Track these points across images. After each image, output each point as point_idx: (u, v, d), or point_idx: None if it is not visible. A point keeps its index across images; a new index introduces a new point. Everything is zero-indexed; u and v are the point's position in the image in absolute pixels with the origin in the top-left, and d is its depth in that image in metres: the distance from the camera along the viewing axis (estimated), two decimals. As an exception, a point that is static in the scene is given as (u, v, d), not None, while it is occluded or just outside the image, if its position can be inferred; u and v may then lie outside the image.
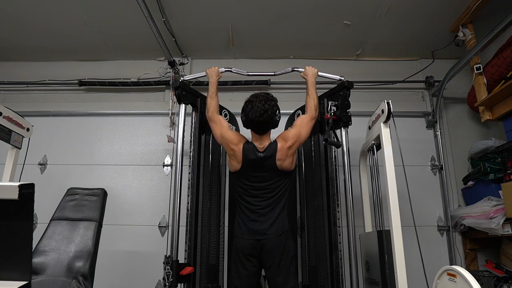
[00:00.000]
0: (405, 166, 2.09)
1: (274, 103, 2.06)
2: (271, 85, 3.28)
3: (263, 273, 2.23)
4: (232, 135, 2.08)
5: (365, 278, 2.26)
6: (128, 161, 3.17)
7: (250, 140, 2.09)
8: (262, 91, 2.11)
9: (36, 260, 2.11)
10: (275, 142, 2.04)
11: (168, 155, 3.17)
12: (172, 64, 3.23)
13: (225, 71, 2.43)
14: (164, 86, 3.32)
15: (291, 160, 2.03)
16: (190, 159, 2.34)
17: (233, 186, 2.15)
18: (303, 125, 2.10)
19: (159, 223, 2.99)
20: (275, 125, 2.09)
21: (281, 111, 2.10)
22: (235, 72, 2.48)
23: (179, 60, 3.34)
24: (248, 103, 2.05)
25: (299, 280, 2.47)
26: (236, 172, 2.05)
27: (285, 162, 2.01)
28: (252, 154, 2.00)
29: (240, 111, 2.10)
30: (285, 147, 2.00)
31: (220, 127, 2.11)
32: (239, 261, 1.98)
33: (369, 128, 2.36)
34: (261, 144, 2.04)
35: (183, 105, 2.39)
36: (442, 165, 3.09)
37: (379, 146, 2.20)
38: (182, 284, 2.11)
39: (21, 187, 0.97)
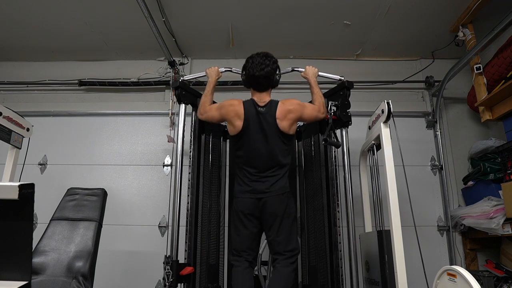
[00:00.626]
0: (405, 166, 2.09)
1: (275, 60, 2.09)
2: (271, 85, 3.28)
3: (263, 273, 2.23)
4: (229, 100, 2.10)
5: (365, 278, 2.26)
6: (128, 161, 3.17)
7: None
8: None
9: (36, 260, 2.11)
10: (276, 100, 2.06)
11: (168, 155, 3.18)
12: (172, 64, 3.23)
13: (225, 71, 2.43)
14: (164, 86, 3.32)
15: (290, 124, 2.01)
16: (190, 159, 2.34)
17: (234, 150, 2.13)
18: (310, 107, 2.11)
19: (159, 223, 2.99)
20: (275, 83, 2.11)
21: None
22: (235, 72, 2.48)
23: (179, 60, 3.34)
24: (249, 59, 2.08)
25: (299, 280, 2.47)
26: (238, 134, 2.02)
27: (283, 122, 1.99)
28: (253, 108, 2.01)
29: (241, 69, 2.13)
30: (285, 108, 2.01)
31: (213, 107, 2.13)
32: (240, 221, 1.96)
33: (369, 128, 2.36)
34: (261, 100, 2.05)
35: (183, 105, 2.39)
36: (442, 165, 3.09)
37: (379, 146, 2.20)
38: (182, 284, 2.11)
39: (21, 187, 0.97)
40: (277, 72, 2.10)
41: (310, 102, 2.24)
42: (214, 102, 2.28)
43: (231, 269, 2.02)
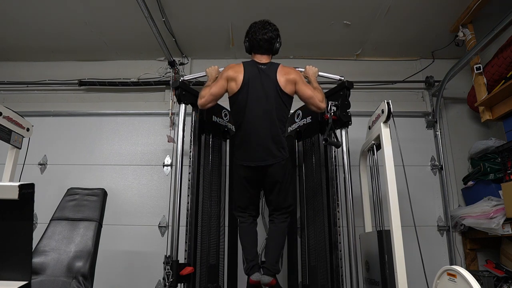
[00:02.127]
0: (405, 166, 2.09)
1: (276, 27, 2.17)
2: (271, 85, 3.28)
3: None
4: (228, 65, 2.13)
5: (365, 278, 2.26)
6: (128, 161, 3.17)
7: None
8: None
9: (36, 260, 2.11)
10: (277, 63, 2.12)
11: (168, 155, 3.17)
12: (172, 64, 3.23)
13: (225, 71, 2.43)
14: (164, 86, 3.32)
15: (287, 81, 2.05)
16: (190, 159, 2.34)
17: (233, 114, 2.14)
18: (308, 86, 2.12)
19: (159, 223, 2.99)
20: (275, 51, 2.17)
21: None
22: (235, 72, 2.47)
23: (179, 60, 3.34)
24: (252, 24, 2.16)
25: (299, 280, 2.47)
26: (238, 92, 2.02)
27: (282, 78, 2.04)
28: (254, 66, 2.08)
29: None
30: (286, 69, 2.08)
31: (212, 85, 2.08)
32: (242, 184, 2.09)
33: (369, 128, 2.36)
34: (262, 60, 2.11)
35: (183, 105, 2.39)
36: (442, 165, 3.09)
37: (379, 146, 2.20)
38: (182, 284, 2.10)
39: (21, 187, 0.97)
40: (278, 39, 2.17)
41: (303, 106, 2.24)
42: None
43: (237, 224, 2.23)
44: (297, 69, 2.43)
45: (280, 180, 2.03)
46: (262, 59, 2.13)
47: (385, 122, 2.08)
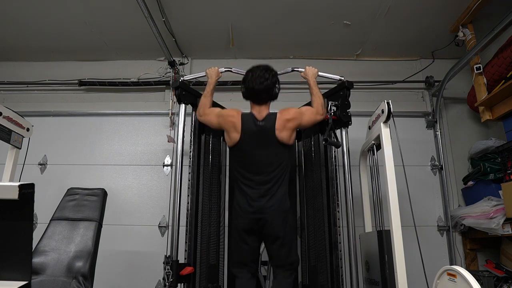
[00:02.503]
0: (405, 166, 2.09)
1: (275, 73, 2.09)
2: (271, 85, 3.28)
3: (263, 272, 2.23)
4: (228, 110, 2.11)
5: (365, 278, 2.26)
6: (128, 161, 3.17)
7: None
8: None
9: (36, 260, 2.11)
10: (274, 113, 2.05)
11: (168, 155, 3.17)
12: (172, 64, 3.23)
13: (225, 71, 2.43)
14: (164, 86, 3.32)
15: (289, 134, 2.01)
16: (190, 159, 2.34)
17: (232, 162, 2.14)
18: (308, 112, 2.10)
19: (159, 223, 2.99)
20: (274, 96, 2.10)
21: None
22: (235, 72, 2.48)
23: (179, 60, 3.34)
24: (248, 72, 2.08)
25: (299, 280, 2.47)
26: (235, 146, 2.02)
27: (282, 133, 1.99)
28: (251, 122, 2.01)
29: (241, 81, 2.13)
30: (284, 118, 2.00)
31: (213, 113, 2.13)
32: (241, 238, 1.98)
33: (369, 128, 2.36)
34: (260, 113, 2.04)
35: (183, 105, 2.39)
36: (442, 165, 3.09)
37: (379, 146, 2.20)
38: (182, 284, 2.10)
39: (21, 187, 0.97)
40: (277, 85, 2.09)
41: (309, 103, 2.24)
42: (214, 103, 2.28)
43: (233, 280, 2.05)
44: (296, 69, 2.44)
45: (281, 235, 1.91)
46: (261, 111, 2.04)
47: (385, 122, 2.08)
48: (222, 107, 2.56)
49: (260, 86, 2.01)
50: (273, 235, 1.92)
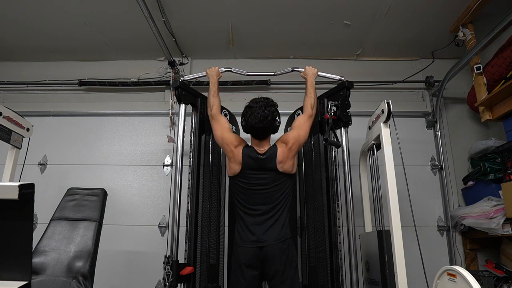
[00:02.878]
0: (405, 166, 2.09)
1: (274, 108, 2.03)
2: (271, 85, 3.28)
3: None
4: (232, 137, 2.05)
5: (365, 278, 2.26)
6: (128, 161, 3.17)
7: (250, 144, 2.08)
8: (262, 96, 2.07)
9: (36, 260, 2.11)
10: (275, 146, 2.03)
11: (168, 155, 3.17)
12: (172, 64, 3.23)
13: (225, 71, 2.43)
14: (164, 86, 3.32)
15: (292, 163, 2.01)
16: (190, 159, 2.34)
17: (232, 192, 2.10)
18: (301, 125, 2.09)
19: (159, 223, 2.99)
20: (275, 130, 2.07)
21: (281, 111, 2.09)
22: (235, 72, 2.48)
23: (179, 60, 3.34)
24: (248, 108, 2.03)
25: (299, 280, 2.46)
26: (236, 176, 2.01)
27: (286, 165, 1.98)
28: (253, 156, 1.98)
29: (241, 115, 2.09)
30: (286, 150, 1.99)
31: (222, 128, 2.10)
32: (240, 270, 1.89)
33: (369, 128, 2.36)
34: (261, 148, 2.02)
35: (183, 105, 2.39)
36: (442, 165, 3.09)
37: (379, 146, 2.20)
38: (182, 284, 2.10)
39: (21, 187, 0.97)
40: (277, 119, 2.04)
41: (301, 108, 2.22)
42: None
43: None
44: (296, 69, 2.44)
45: (282, 266, 1.85)
46: (262, 146, 2.03)
47: (385, 122, 2.08)
48: (223, 108, 2.57)
49: (260, 125, 1.97)
50: (273, 267, 1.86)
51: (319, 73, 2.33)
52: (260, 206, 1.96)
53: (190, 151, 2.36)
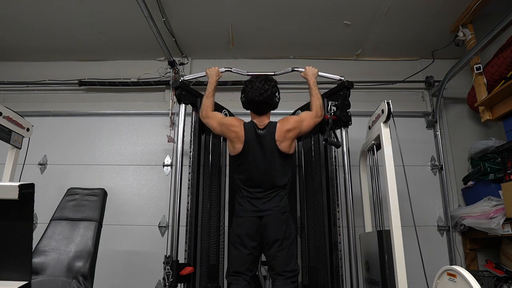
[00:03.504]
0: (405, 166, 2.09)
1: (274, 83, 2.10)
2: (271, 85, 3.28)
3: (263, 272, 2.22)
4: (231, 119, 2.12)
5: (365, 278, 2.26)
6: (128, 161, 3.17)
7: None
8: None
9: (36, 260, 2.11)
10: (275, 122, 2.06)
11: (168, 155, 3.17)
12: (172, 64, 3.23)
13: (225, 71, 2.43)
14: (164, 86, 3.32)
15: (289, 144, 2.03)
16: (190, 159, 2.34)
17: (234, 172, 2.16)
18: (307, 118, 2.12)
19: (159, 223, 2.99)
20: (274, 106, 2.12)
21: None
22: (235, 72, 2.48)
23: (179, 60, 3.34)
24: (248, 83, 2.09)
25: (299, 280, 2.46)
26: (237, 155, 2.04)
27: (283, 144, 2.01)
28: (253, 131, 2.02)
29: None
30: (284, 129, 2.02)
31: (217, 119, 2.14)
32: (240, 242, 1.95)
33: (369, 128, 2.36)
34: (261, 123, 2.06)
35: (183, 105, 2.39)
36: (442, 165, 3.09)
37: (379, 146, 2.20)
38: (182, 284, 2.10)
39: (21, 187, 0.97)
40: (277, 95, 2.10)
41: (308, 104, 2.23)
42: (215, 104, 2.28)
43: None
44: (296, 69, 2.44)
45: (280, 238, 1.91)
46: (261, 120, 2.07)
47: (385, 122, 2.08)
48: (223, 108, 2.57)
49: (260, 98, 2.03)
50: (273, 237, 1.92)
51: (319, 73, 2.34)
52: (261, 184, 2.00)
53: (190, 151, 2.36)
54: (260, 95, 2.02)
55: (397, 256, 1.84)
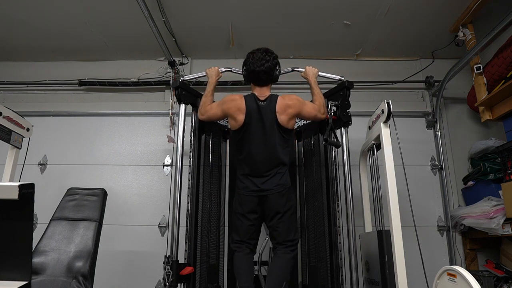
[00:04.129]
0: (405, 166, 2.09)
1: (275, 56, 2.14)
2: (271, 85, 3.28)
3: (263, 273, 2.22)
4: (229, 95, 2.13)
5: (365, 278, 2.26)
6: (128, 161, 3.17)
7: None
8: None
9: (36, 260, 2.11)
10: (276, 95, 2.09)
11: (168, 155, 3.17)
12: (172, 64, 3.23)
13: (225, 71, 2.43)
14: (164, 86, 3.32)
15: (288, 118, 2.04)
16: (190, 159, 2.34)
17: (235, 147, 2.19)
18: (310, 105, 2.15)
19: (159, 223, 2.99)
20: (275, 79, 2.15)
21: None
22: (235, 72, 2.48)
23: (179, 60, 3.34)
24: (249, 54, 2.12)
25: (299, 280, 2.47)
26: (239, 129, 2.05)
27: (282, 116, 2.02)
28: (254, 103, 2.04)
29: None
30: (285, 103, 2.04)
31: (214, 105, 2.16)
32: (242, 214, 2.02)
33: (369, 128, 2.36)
34: (262, 94, 2.08)
35: (183, 105, 2.39)
36: (442, 165, 3.09)
37: (379, 146, 2.20)
38: (182, 284, 2.11)
39: (21, 187, 0.97)
40: (277, 68, 2.14)
41: (311, 102, 2.24)
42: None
43: (232, 255, 2.09)
44: (297, 69, 2.44)
45: (281, 211, 1.98)
46: (262, 92, 2.10)
47: (385, 122, 2.08)
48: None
49: (261, 68, 2.06)
50: (273, 210, 1.98)
51: (319, 73, 2.34)
52: (261, 157, 2.01)
53: (190, 151, 2.36)
54: (262, 65, 2.05)
55: (397, 256, 1.84)
